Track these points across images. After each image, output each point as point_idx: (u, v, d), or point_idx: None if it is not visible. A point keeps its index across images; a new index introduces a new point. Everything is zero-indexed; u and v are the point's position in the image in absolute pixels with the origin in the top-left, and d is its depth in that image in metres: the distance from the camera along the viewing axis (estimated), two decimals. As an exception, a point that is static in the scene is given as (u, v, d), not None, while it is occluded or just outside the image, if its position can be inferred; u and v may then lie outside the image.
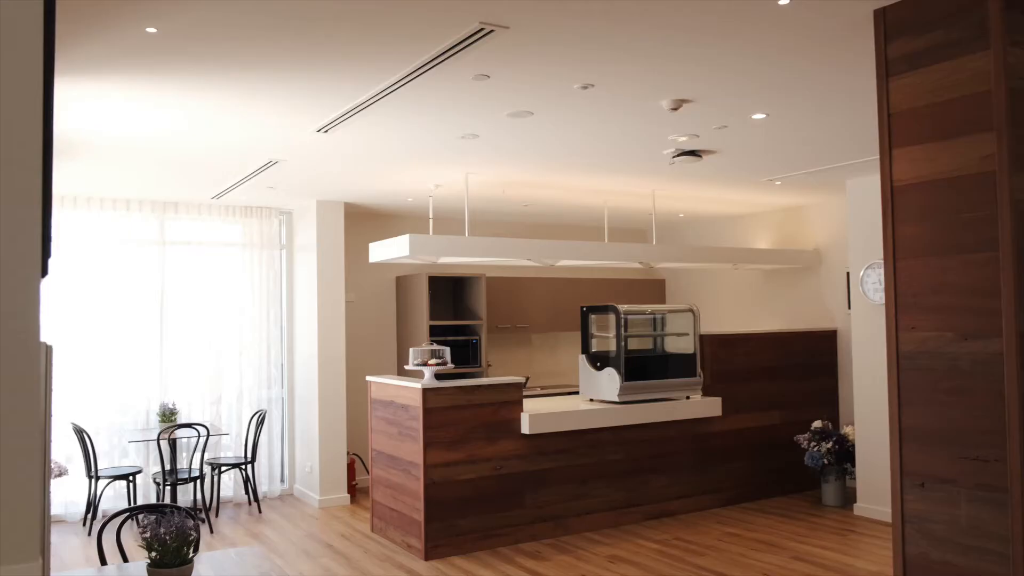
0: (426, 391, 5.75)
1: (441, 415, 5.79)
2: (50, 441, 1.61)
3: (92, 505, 6.60)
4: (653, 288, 9.59)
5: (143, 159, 5.55)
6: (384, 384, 6.29)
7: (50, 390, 1.58)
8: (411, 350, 6.09)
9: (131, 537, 3.98)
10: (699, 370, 6.84)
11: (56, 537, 6.41)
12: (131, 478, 6.73)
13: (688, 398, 6.84)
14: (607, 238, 8.12)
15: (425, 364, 5.96)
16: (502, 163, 5.80)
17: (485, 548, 5.90)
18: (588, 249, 6.97)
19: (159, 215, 7.37)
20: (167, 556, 2.87)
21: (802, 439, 7.06)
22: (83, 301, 7.01)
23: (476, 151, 5.40)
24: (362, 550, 5.99)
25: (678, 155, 5.48)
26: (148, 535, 2.88)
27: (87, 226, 7.05)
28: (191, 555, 2.92)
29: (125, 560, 3.47)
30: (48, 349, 1.58)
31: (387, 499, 6.24)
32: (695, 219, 9.16)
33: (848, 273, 7.11)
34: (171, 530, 2.87)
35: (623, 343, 6.52)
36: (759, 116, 4.65)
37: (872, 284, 6.61)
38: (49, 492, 1.67)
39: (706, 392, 6.98)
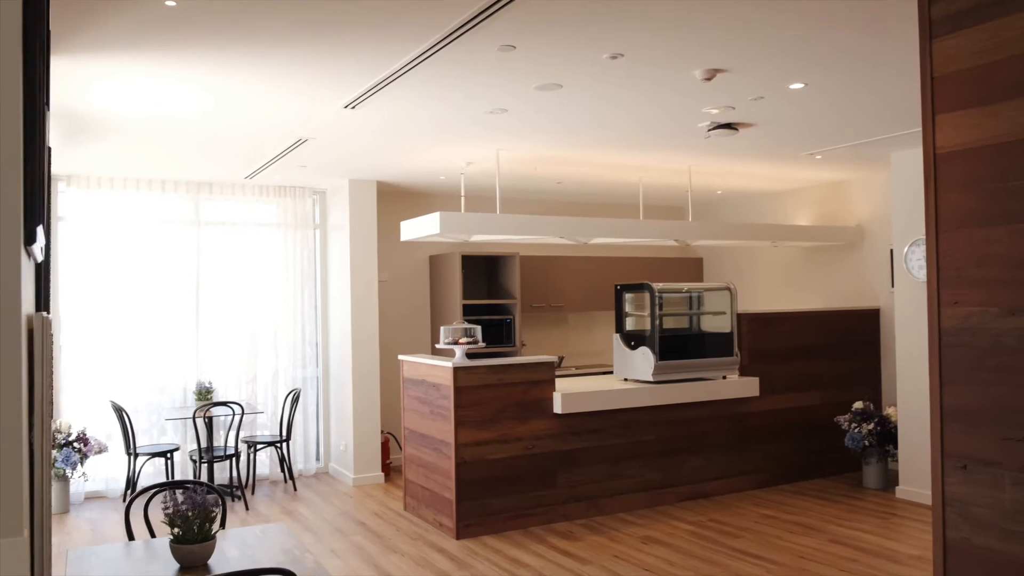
0: (457, 370, 5.71)
1: (472, 394, 5.75)
2: (50, 415, 1.58)
3: (131, 481, 6.70)
4: (690, 267, 9.43)
5: (172, 138, 5.56)
6: (416, 363, 6.27)
7: (47, 362, 1.55)
8: (442, 329, 6.05)
9: (159, 513, 4.00)
10: (736, 349, 6.70)
11: (96, 512, 6.52)
12: (169, 455, 6.81)
13: (725, 378, 6.71)
14: (642, 216, 7.98)
15: (456, 343, 5.92)
16: (533, 139, 5.71)
17: (517, 528, 5.86)
18: (622, 227, 6.85)
19: (194, 195, 7.40)
20: (189, 532, 2.87)
21: (842, 420, 6.90)
22: (121, 282, 7.08)
23: (505, 126, 5.31)
24: (394, 528, 6.00)
25: (713, 128, 5.33)
26: (171, 511, 2.87)
27: (124, 207, 7.12)
28: (213, 531, 2.92)
29: (153, 535, 3.48)
30: (44, 321, 1.54)
31: (419, 478, 6.23)
32: (733, 196, 8.97)
33: (892, 250, 6.90)
34: (193, 506, 2.87)
35: (658, 322, 6.40)
36: (797, 86, 4.48)
37: (916, 261, 6.39)
38: (49, 467, 1.64)
39: (743, 372, 6.84)
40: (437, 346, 6.27)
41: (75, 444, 6.43)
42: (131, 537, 3.51)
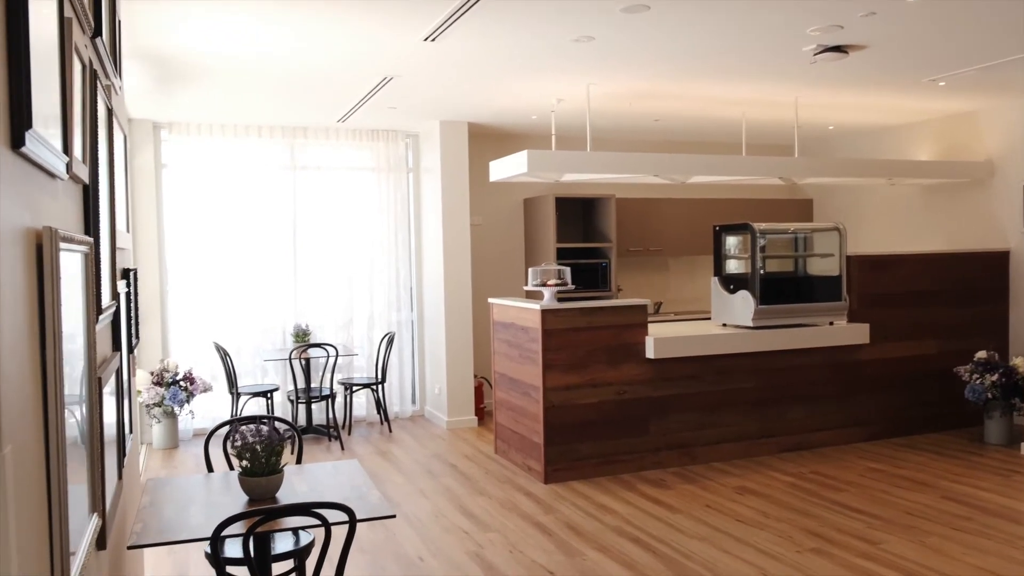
0: (545, 312, 5.57)
1: (561, 337, 5.61)
2: (59, 347, 1.51)
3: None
4: (799, 208, 8.93)
5: (261, 81, 5.56)
6: (505, 306, 6.17)
7: (56, 281, 1.48)
8: (530, 270, 5.92)
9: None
10: (844, 294, 6.29)
11: (200, 448, 6.78)
12: (269, 395, 7.00)
13: (832, 324, 6.32)
14: (745, 154, 7.55)
15: (544, 285, 5.77)
16: (624, 71, 5.42)
17: (606, 474, 5.74)
18: (722, 163, 6.49)
19: (289, 140, 7.47)
20: (257, 465, 2.86)
21: (963, 371, 6.40)
22: (222, 227, 7.25)
23: (594, 57, 5.05)
24: (483, 471, 5.98)
25: (820, 52, 4.91)
26: (239, 444, 2.87)
27: (223, 153, 7.25)
28: (280, 465, 2.90)
29: (231, 468, 3.53)
30: (53, 234, 1.47)
31: (509, 422, 6.17)
32: (846, 131, 8.37)
33: (1024, 186, 6.28)
34: (261, 441, 2.85)
35: (759, 264, 6.06)
36: (914, -2, 4.04)
37: (1053, 197, 5.79)
38: (62, 395, 1.59)
39: (852, 318, 6.42)
40: (525, 288, 6.14)
41: (182, 383, 6.68)
42: (210, 469, 3.57)
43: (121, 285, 3.04)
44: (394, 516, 2.69)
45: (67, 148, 1.74)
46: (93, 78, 2.21)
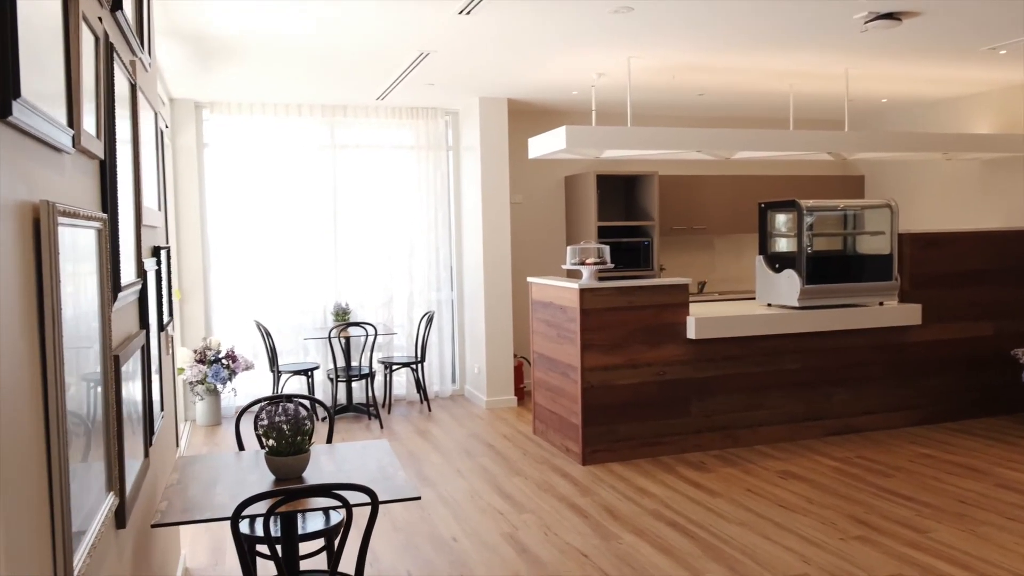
0: (583, 291, 5.48)
1: (599, 317, 5.51)
2: (59, 323, 1.48)
3: (275, 397, 6.98)
4: (850, 185, 8.65)
5: (297, 58, 5.52)
6: (543, 285, 6.08)
7: (54, 259, 1.44)
8: (568, 249, 5.82)
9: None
10: (895, 273, 6.07)
11: (244, 425, 6.82)
12: (309, 374, 7.04)
13: (882, 304, 6.11)
14: (792, 128, 7.32)
15: (583, 263, 5.67)
16: (665, 43, 5.26)
17: (646, 456, 5.64)
18: (768, 138, 6.28)
19: (329, 119, 7.45)
20: (283, 445, 2.84)
21: (1020, 353, 6.15)
22: (263, 206, 7.28)
23: (634, 29, 4.90)
24: (521, 452, 5.93)
25: (871, 19, 4.70)
26: (265, 424, 2.85)
27: (263, 132, 7.26)
28: (307, 444, 2.88)
29: (262, 447, 3.52)
30: (49, 207, 1.43)
31: (547, 402, 6.11)
32: (900, 104, 8.06)
33: (1090, 159, 5.97)
34: (287, 420, 2.83)
35: (806, 242, 5.87)
36: (972, -40, 3.82)
37: (1121, 171, 5.49)
38: (62, 374, 1.55)
39: (903, 298, 6.20)
40: (563, 266, 6.05)
41: (224, 361, 6.75)
42: (241, 447, 3.57)
43: (150, 263, 3.03)
44: (419, 498, 2.65)
45: (73, 121, 1.70)
46: (109, 51, 2.18)
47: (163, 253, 3.50)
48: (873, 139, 6.60)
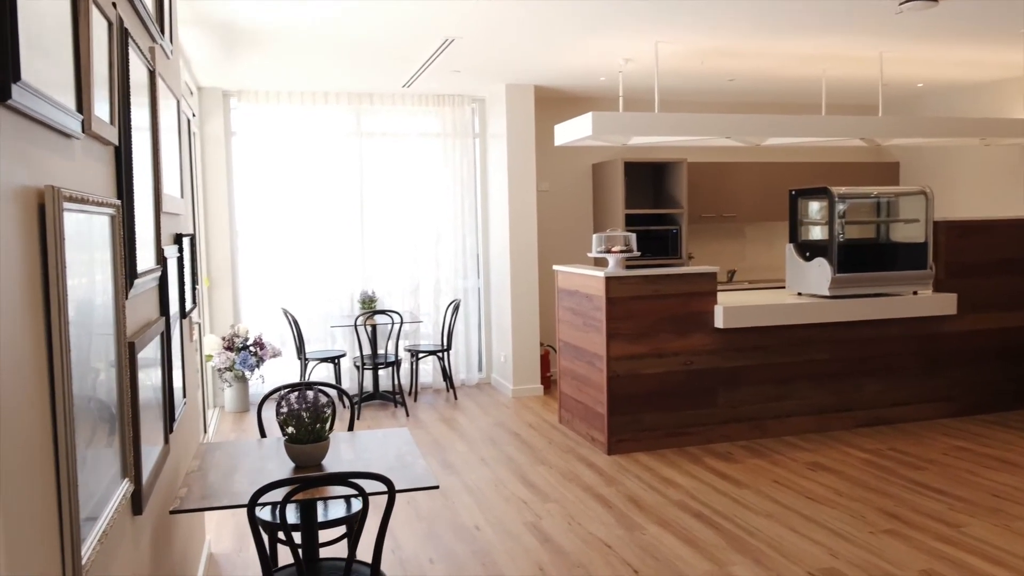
0: (609, 280, 5.42)
1: (625, 305, 5.46)
2: (64, 309, 1.47)
3: (302, 384, 7.02)
4: (884, 172, 8.47)
5: (323, 46, 5.51)
6: (569, 273, 6.04)
7: (59, 244, 1.43)
8: (594, 236, 5.76)
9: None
10: (930, 262, 5.93)
11: (268, 412, 6.90)
12: (336, 361, 7.06)
13: (916, 293, 5.98)
14: (825, 113, 7.17)
15: (609, 251, 5.61)
16: (694, 27, 5.17)
17: (672, 446, 5.59)
18: (799, 124, 6.15)
19: (355, 107, 7.44)
20: (302, 432, 2.83)
21: (1060, 344, 5.99)
22: (290, 194, 7.30)
23: (661, 13, 4.82)
24: (546, 441, 5.90)
25: (906, 0, 4.56)
26: (285, 412, 2.84)
27: (290, 120, 7.27)
28: (326, 432, 2.87)
29: (284, 434, 3.52)
30: (55, 192, 1.41)
31: (573, 391, 6.07)
32: (937, 88, 7.87)
33: None
34: (307, 408, 2.82)
35: (837, 230, 5.76)
36: (1011, -63, 3.69)
37: None
38: (68, 364, 1.54)
39: (938, 287, 6.06)
40: (588, 254, 5.99)
41: (251, 348, 6.79)
42: (263, 434, 3.58)
43: (171, 250, 3.03)
44: (436, 487, 2.63)
45: (82, 106, 1.69)
46: (124, 37, 2.17)
47: (186, 240, 3.51)
48: (908, 124, 6.44)
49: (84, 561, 1.52)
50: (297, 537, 3.11)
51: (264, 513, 3.17)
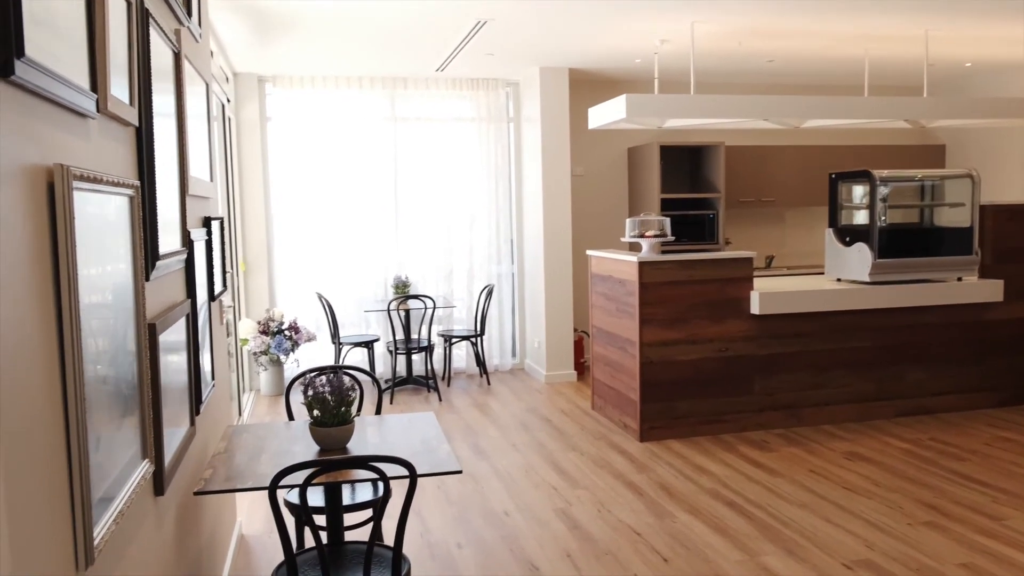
0: (642, 264, 5.35)
1: (659, 291, 5.38)
2: (75, 289, 1.46)
3: (336, 368, 7.06)
4: (930, 155, 8.24)
5: (353, 29, 5.49)
6: (602, 258, 5.97)
7: (69, 224, 1.42)
8: (627, 221, 5.69)
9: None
10: (976, 247, 5.75)
11: (297, 395, 6.93)
12: (370, 346, 7.09)
13: (960, 280, 5.81)
14: (867, 94, 6.98)
15: (642, 236, 5.53)
16: (731, 6, 5.05)
17: (706, 434, 5.51)
18: (840, 106, 5.99)
19: (389, 91, 7.43)
20: (327, 415, 2.83)
21: (1112, 332, 5.78)
22: (325, 178, 7.32)
23: (696, -9, 4.71)
24: (579, 427, 5.86)
25: (951, -24, 4.41)
26: (310, 395, 2.84)
27: (325, 105, 7.28)
28: (351, 416, 2.86)
29: (311, 417, 3.53)
30: (64, 170, 1.40)
31: (606, 377, 6.02)
32: (985, 68, 7.61)
33: None
34: (331, 391, 2.81)
35: (879, 214, 5.61)
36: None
37: None
38: (79, 345, 1.54)
39: (984, 273, 5.89)
40: (622, 239, 5.92)
41: (286, 332, 6.84)
42: (291, 417, 3.59)
43: (199, 233, 3.04)
44: (459, 472, 2.60)
45: (96, 85, 1.68)
46: (144, 18, 2.16)
47: (215, 224, 3.52)
48: (954, 105, 6.24)
49: (97, 541, 1.52)
50: (324, 520, 3.12)
51: (292, 496, 3.19)
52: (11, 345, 1.20)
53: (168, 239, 2.43)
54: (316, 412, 2.85)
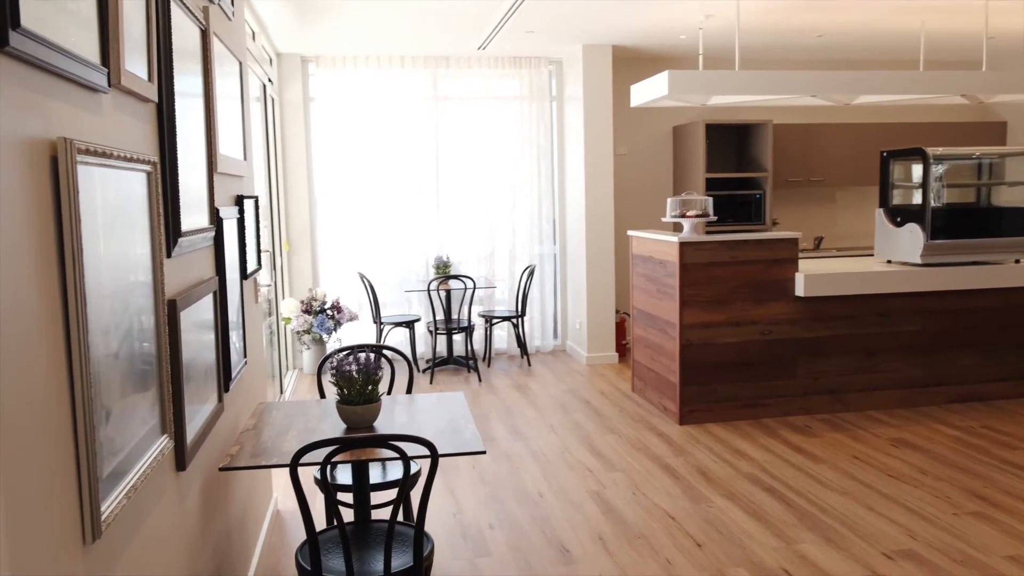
0: (683, 245, 5.25)
1: (700, 272, 5.28)
2: (80, 264, 1.46)
3: (377, 348, 7.10)
4: (988, 131, 7.93)
5: (395, 6, 5.46)
6: (643, 238, 5.88)
7: (73, 197, 1.41)
8: (669, 201, 5.58)
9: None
10: (1035, 228, 5.52)
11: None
12: (411, 325, 7.11)
13: (1018, 262, 5.59)
14: (922, 69, 6.73)
15: (683, 216, 5.43)
16: (776, -22, 4.89)
17: (747, 418, 5.41)
18: (893, 80, 5.77)
19: (432, 70, 7.40)
20: (353, 393, 2.82)
21: None
22: (367, 158, 7.34)
23: (739, -37, 4.57)
24: (618, 409, 5.80)
25: (1011, -58, 4.19)
26: (337, 373, 2.84)
27: (367, 85, 7.28)
28: (378, 394, 2.85)
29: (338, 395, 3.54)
30: (67, 144, 1.40)
31: (646, 359, 5.94)
32: (1053, 43, 7.28)
33: None
34: (359, 369, 2.81)
35: (932, 194, 5.41)
36: None
37: None
38: (85, 323, 1.54)
39: (1043, 255, 5.65)
40: (663, 219, 5.81)
41: (329, 312, 6.90)
42: (322, 395, 3.60)
43: (230, 211, 3.05)
44: (483, 452, 2.58)
45: (106, 59, 1.67)
46: (165, -7, 2.15)
47: (249, 203, 3.54)
48: (1016, 79, 5.97)
49: (106, 515, 1.53)
50: (351, 498, 3.12)
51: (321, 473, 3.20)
52: (11, 319, 1.20)
53: (193, 217, 2.44)
54: (345, 390, 2.85)
